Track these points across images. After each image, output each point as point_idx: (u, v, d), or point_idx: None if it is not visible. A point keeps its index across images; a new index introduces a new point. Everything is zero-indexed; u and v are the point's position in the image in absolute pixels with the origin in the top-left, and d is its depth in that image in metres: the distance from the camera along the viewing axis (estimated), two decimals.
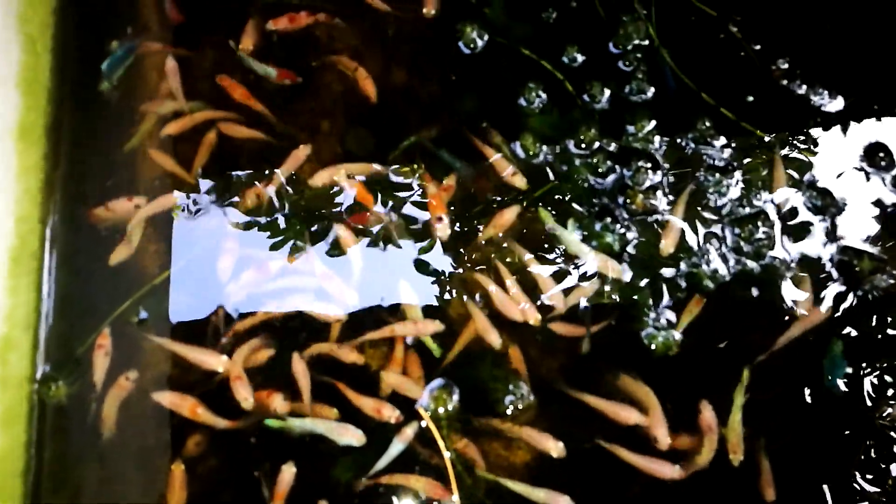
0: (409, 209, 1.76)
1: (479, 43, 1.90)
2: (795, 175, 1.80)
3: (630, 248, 1.74)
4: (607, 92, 1.85)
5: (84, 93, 1.87)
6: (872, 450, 1.59)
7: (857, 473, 1.58)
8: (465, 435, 1.61)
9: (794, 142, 1.83)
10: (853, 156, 1.83)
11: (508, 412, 1.63)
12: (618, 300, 1.69)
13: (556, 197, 1.78)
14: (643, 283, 1.71)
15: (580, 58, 1.89)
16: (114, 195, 1.77)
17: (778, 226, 1.76)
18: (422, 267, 1.72)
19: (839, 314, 1.67)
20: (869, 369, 1.64)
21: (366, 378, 1.65)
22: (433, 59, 1.89)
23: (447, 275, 1.72)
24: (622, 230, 1.75)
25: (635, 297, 1.69)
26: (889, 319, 1.67)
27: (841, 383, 1.63)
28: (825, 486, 1.56)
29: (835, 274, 1.72)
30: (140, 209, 1.72)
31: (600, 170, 1.79)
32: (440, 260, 1.73)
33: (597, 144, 1.82)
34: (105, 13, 1.96)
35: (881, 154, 1.82)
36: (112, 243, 1.75)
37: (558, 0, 1.94)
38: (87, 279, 1.74)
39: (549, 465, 1.59)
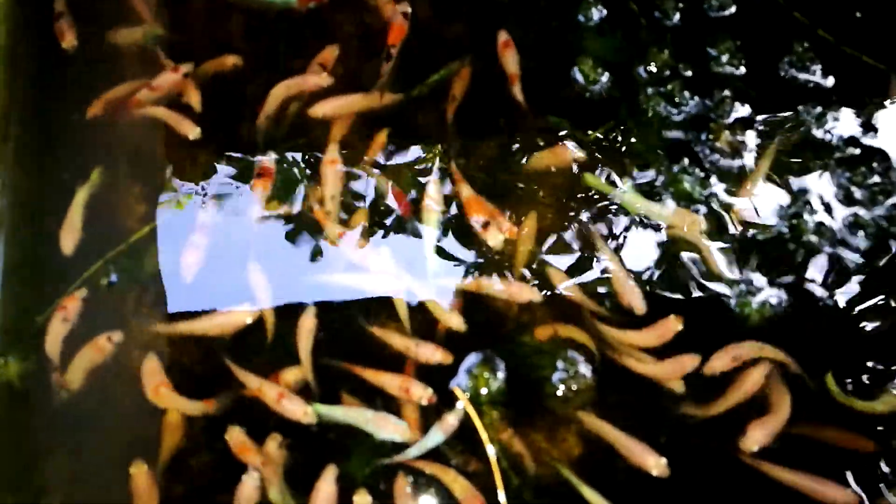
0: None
1: None
2: None
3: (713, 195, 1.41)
4: (681, 6, 1.52)
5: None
6: None
7: None
8: (510, 423, 1.30)
9: None
10: None
11: (559, 393, 1.31)
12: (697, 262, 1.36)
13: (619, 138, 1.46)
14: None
15: None
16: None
17: None
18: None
19: None
20: None
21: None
22: None
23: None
24: (703, 174, 1.42)
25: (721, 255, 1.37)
26: None
27: None
28: None
29: None
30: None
31: (676, 100, 1.46)
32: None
33: (670, 71, 1.49)
34: None
35: None
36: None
37: None
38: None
39: (602, 458, 1.28)
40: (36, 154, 1.55)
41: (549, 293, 1.37)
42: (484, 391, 1.31)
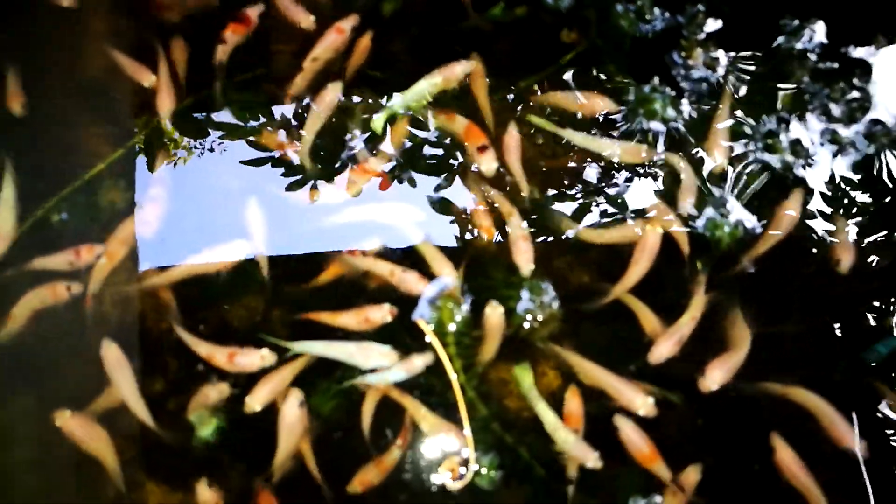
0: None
1: None
2: None
3: (685, 114, 1.36)
4: None
5: None
6: None
7: None
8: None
9: None
10: None
11: (525, 325, 1.28)
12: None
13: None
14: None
15: None
16: None
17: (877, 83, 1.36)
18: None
19: None
20: None
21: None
22: None
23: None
24: (674, 92, 1.36)
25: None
26: None
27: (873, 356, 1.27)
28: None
29: None
30: None
31: (646, 17, 1.39)
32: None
33: None
34: None
35: None
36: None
37: None
38: None
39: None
40: None
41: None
42: (452, 327, 1.29)
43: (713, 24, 1.41)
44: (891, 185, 1.34)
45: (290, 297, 1.34)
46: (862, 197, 1.34)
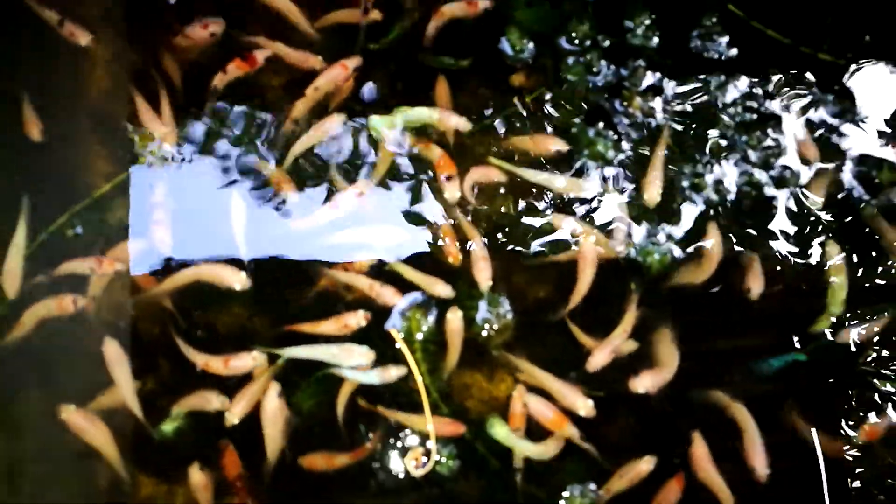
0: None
1: None
2: (813, 79, 1.63)
3: (623, 156, 1.57)
4: None
5: None
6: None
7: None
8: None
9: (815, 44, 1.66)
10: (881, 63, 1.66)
11: (483, 333, 1.48)
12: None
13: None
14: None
15: None
16: None
17: (790, 133, 1.59)
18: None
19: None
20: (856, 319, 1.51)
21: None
22: None
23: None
24: (616, 136, 1.57)
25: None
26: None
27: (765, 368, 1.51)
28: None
29: (854, 185, 1.57)
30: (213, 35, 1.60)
31: (594, 69, 1.60)
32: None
33: (590, 41, 1.63)
34: None
35: None
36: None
37: None
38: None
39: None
40: None
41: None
42: (420, 336, 1.48)
43: (652, 77, 1.62)
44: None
45: (275, 305, 1.52)
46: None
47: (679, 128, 1.59)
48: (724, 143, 1.58)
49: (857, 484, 1.46)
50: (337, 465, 1.42)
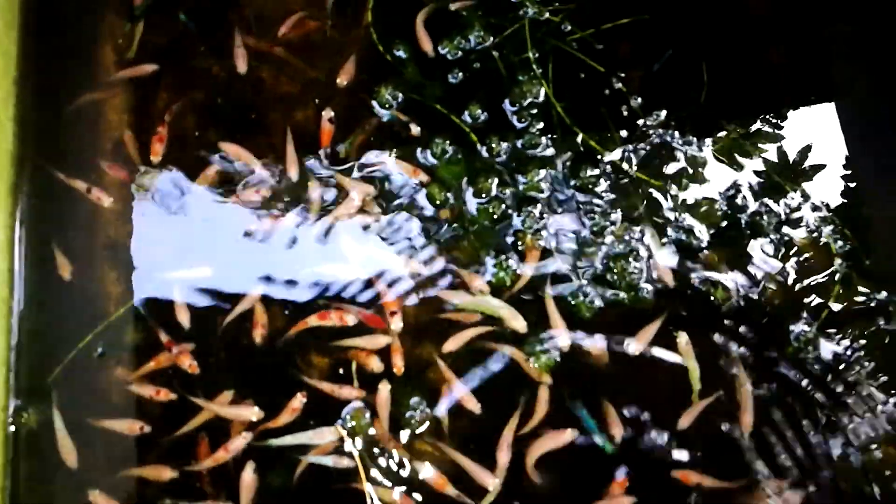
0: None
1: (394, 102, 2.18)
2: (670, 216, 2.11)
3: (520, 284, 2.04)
4: (505, 145, 2.14)
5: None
6: None
7: None
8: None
9: (668, 183, 2.15)
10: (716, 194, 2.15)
11: (418, 431, 1.93)
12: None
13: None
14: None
15: (483, 115, 2.17)
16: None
17: (649, 260, 2.06)
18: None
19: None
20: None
21: None
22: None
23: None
24: (515, 268, 2.05)
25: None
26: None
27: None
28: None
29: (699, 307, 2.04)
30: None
31: (494, 216, 2.09)
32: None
33: (495, 191, 2.11)
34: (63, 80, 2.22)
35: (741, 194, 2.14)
36: (74, 285, 2.04)
37: (463, 62, 2.23)
38: (53, 317, 2.03)
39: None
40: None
41: None
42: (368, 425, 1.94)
43: (541, 222, 2.10)
44: None
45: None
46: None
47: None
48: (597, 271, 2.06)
49: None
50: None
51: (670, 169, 2.18)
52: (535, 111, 2.19)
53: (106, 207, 2.10)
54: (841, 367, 2.01)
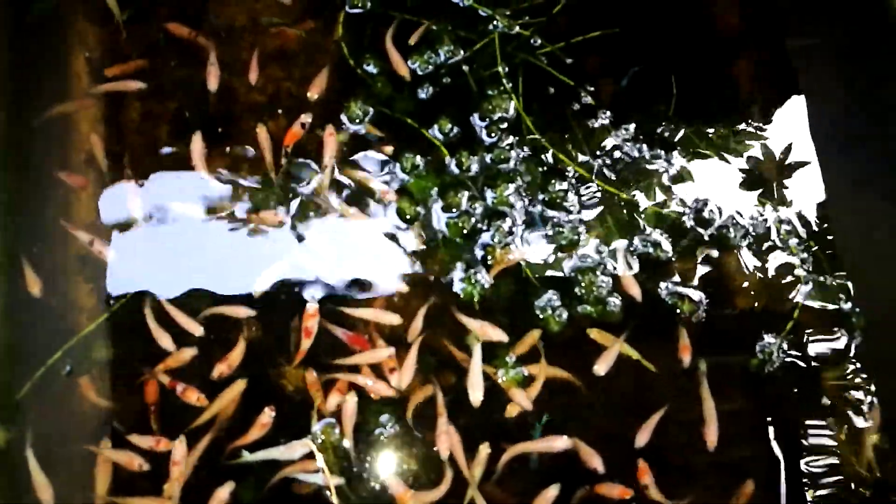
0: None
1: (363, 117, 2.19)
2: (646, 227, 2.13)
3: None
4: (475, 160, 2.16)
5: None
6: None
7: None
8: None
9: (640, 196, 2.17)
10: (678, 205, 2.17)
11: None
12: None
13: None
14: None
15: (454, 129, 2.19)
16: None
17: (616, 273, 2.09)
18: None
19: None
20: None
21: None
22: None
23: None
24: (484, 282, 2.06)
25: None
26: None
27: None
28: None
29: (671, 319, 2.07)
30: None
31: (465, 231, 2.10)
32: None
33: (464, 206, 2.13)
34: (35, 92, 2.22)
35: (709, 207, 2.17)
36: (46, 302, 2.04)
37: (434, 77, 2.24)
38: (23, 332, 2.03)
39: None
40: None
41: None
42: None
43: (512, 233, 2.12)
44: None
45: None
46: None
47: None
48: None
49: None
50: None
51: (639, 182, 2.20)
52: (504, 126, 2.20)
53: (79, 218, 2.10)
54: (805, 378, 2.04)
